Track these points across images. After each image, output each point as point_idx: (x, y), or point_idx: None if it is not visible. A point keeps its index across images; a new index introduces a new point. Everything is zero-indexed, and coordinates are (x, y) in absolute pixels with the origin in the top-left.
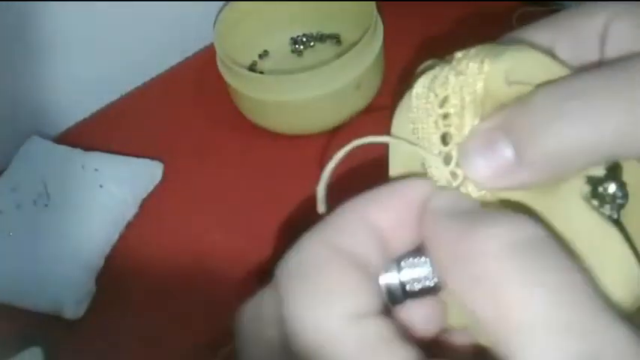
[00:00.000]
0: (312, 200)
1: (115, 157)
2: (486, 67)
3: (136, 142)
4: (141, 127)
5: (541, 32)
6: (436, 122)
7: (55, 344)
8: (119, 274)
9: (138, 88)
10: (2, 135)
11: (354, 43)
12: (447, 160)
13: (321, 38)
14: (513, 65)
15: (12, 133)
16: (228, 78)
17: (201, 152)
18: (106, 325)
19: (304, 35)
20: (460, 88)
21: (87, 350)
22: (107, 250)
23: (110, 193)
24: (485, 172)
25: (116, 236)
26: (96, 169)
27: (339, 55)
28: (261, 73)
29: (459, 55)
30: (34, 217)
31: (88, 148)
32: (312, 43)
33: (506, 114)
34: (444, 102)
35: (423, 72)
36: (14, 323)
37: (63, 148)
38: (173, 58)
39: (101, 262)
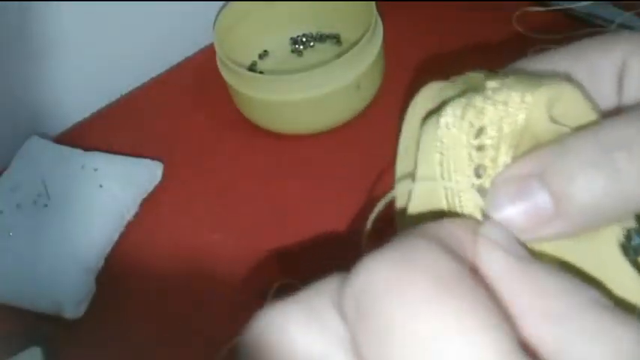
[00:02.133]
0: (311, 200)
1: (115, 157)
2: (529, 98)
3: (136, 142)
4: (141, 127)
5: (556, 64)
6: (470, 154)
7: (55, 344)
8: (119, 274)
9: (138, 88)
10: (2, 135)
11: (354, 43)
12: (481, 193)
13: (321, 38)
14: (554, 98)
15: (12, 133)
16: (228, 78)
17: (201, 152)
18: (106, 325)
19: (304, 35)
20: (500, 119)
21: (87, 350)
22: (107, 250)
23: (110, 193)
24: (519, 222)
25: (116, 236)
26: (96, 169)
27: (339, 55)
28: (261, 73)
29: (493, 84)
30: (34, 217)
31: (88, 148)
32: (312, 43)
33: (542, 158)
34: (479, 133)
35: (426, 94)
36: (14, 323)
37: (63, 148)
38: (173, 58)
39: (101, 262)
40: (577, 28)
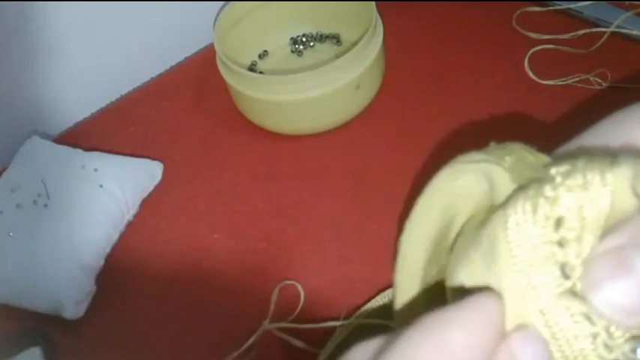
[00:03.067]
0: (311, 200)
1: (115, 157)
2: (609, 178)
3: (136, 142)
4: (141, 127)
5: (592, 142)
6: (552, 252)
7: (55, 344)
8: (119, 274)
9: (138, 88)
10: (2, 135)
11: (354, 43)
12: (575, 297)
13: (321, 38)
14: (636, 174)
15: (12, 133)
16: (228, 78)
17: (201, 152)
18: (105, 325)
19: (304, 35)
20: (580, 206)
21: (87, 350)
22: (107, 250)
23: (110, 193)
24: (625, 301)
25: (116, 236)
26: (96, 169)
27: (339, 55)
28: (261, 73)
29: (562, 168)
30: (34, 217)
31: (88, 148)
32: (312, 43)
33: (635, 225)
34: (557, 225)
35: (459, 167)
36: (14, 323)
37: (63, 148)
38: (173, 58)
39: (101, 262)
40: (577, 28)
